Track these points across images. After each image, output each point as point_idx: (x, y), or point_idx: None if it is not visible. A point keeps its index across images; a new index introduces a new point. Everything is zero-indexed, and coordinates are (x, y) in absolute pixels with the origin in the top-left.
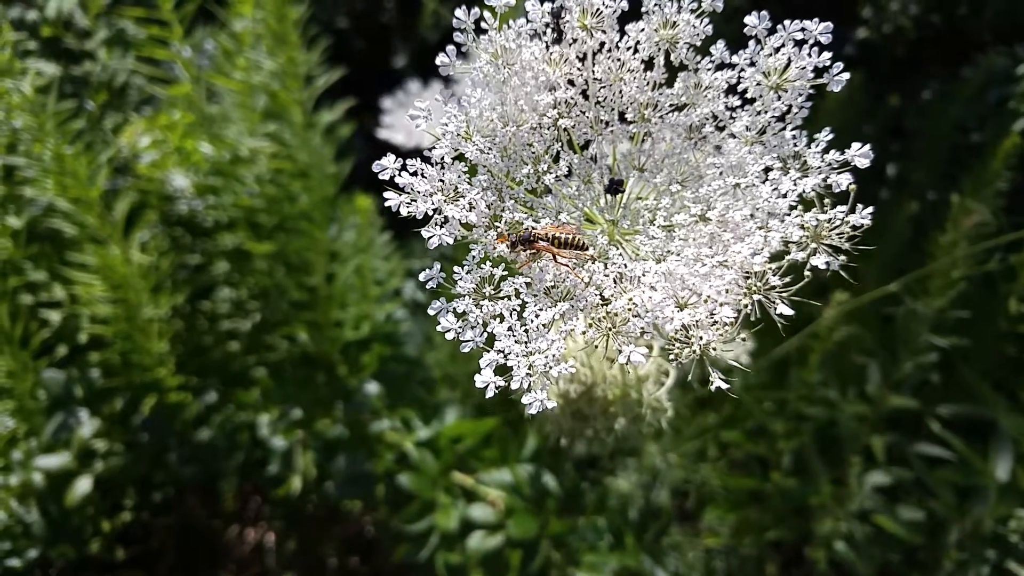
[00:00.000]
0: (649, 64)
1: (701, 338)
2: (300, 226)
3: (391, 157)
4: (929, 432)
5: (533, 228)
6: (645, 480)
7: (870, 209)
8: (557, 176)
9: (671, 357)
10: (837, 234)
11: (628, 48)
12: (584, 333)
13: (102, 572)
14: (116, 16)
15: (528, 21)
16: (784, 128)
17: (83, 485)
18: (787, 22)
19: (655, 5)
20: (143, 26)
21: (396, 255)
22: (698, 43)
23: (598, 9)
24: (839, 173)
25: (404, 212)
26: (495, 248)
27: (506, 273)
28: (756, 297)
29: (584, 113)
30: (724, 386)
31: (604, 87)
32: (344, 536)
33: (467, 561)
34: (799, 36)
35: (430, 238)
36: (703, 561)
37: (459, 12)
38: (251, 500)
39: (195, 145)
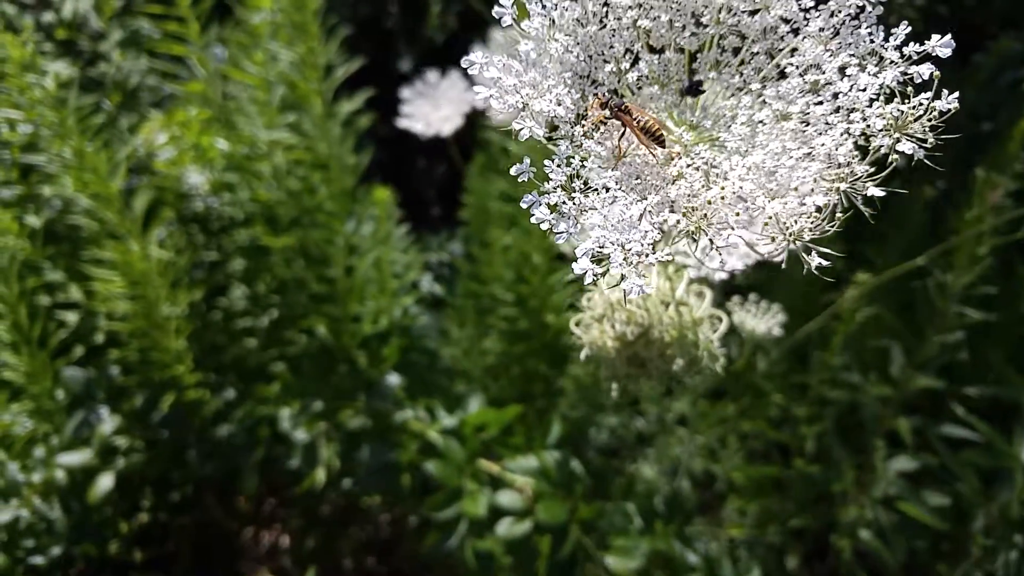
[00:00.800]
0: None
1: (795, 224)
2: (319, 219)
3: (479, 52)
4: (952, 414)
5: (625, 102)
6: (667, 469)
7: (956, 94)
8: (639, 76)
9: (766, 243)
10: (920, 123)
11: None
12: (677, 223)
13: (120, 574)
14: (130, 17)
15: None
16: (859, 27)
17: (105, 482)
18: None
19: None
20: (159, 24)
21: (413, 248)
22: None
23: None
24: (918, 65)
25: (494, 105)
26: (582, 142)
27: (596, 167)
28: (844, 186)
29: (660, 17)
30: (824, 263)
31: None
32: (361, 536)
33: (495, 548)
34: None
35: (520, 130)
36: (727, 550)
37: None
38: (266, 501)
39: (211, 141)
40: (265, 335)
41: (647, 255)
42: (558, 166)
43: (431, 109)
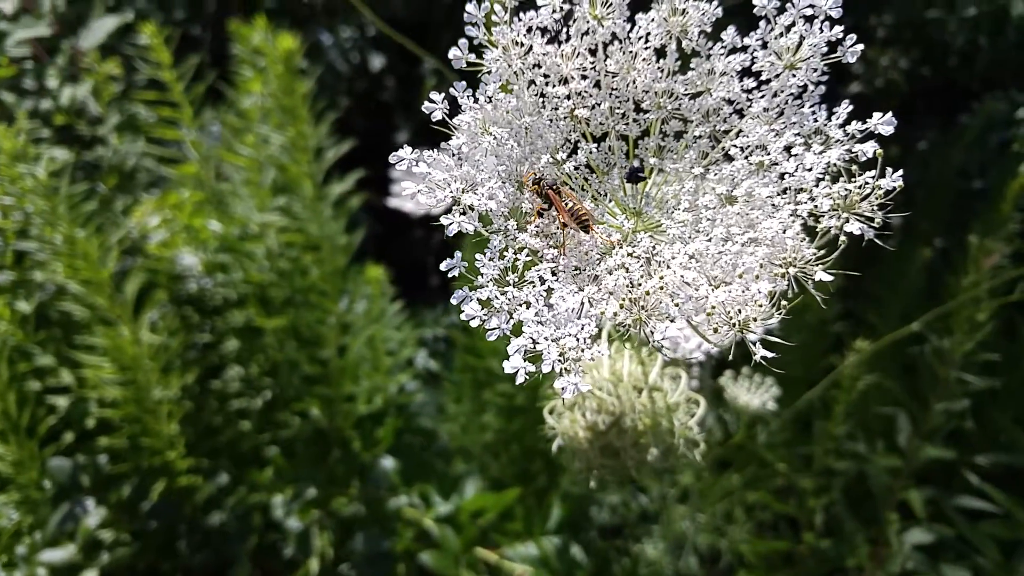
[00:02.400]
0: (661, 52)
1: (739, 313)
2: (311, 299)
3: (407, 148)
4: (965, 483)
5: (557, 182)
6: (672, 546)
7: (899, 172)
8: (576, 166)
9: (711, 332)
10: (868, 202)
11: (639, 38)
12: (615, 315)
13: None
14: (128, 101)
15: (538, 14)
16: (802, 106)
17: None
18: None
19: None
20: (154, 109)
21: (407, 324)
22: (709, 29)
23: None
24: (863, 143)
25: (422, 200)
26: (516, 236)
27: (531, 260)
28: (792, 271)
29: (599, 104)
30: (768, 355)
31: (618, 78)
32: None
33: None
34: (808, 12)
35: (449, 225)
36: None
37: (470, 6)
38: None
39: (204, 223)
40: (259, 417)
41: (583, 350)
42: (490, 260)
43: None
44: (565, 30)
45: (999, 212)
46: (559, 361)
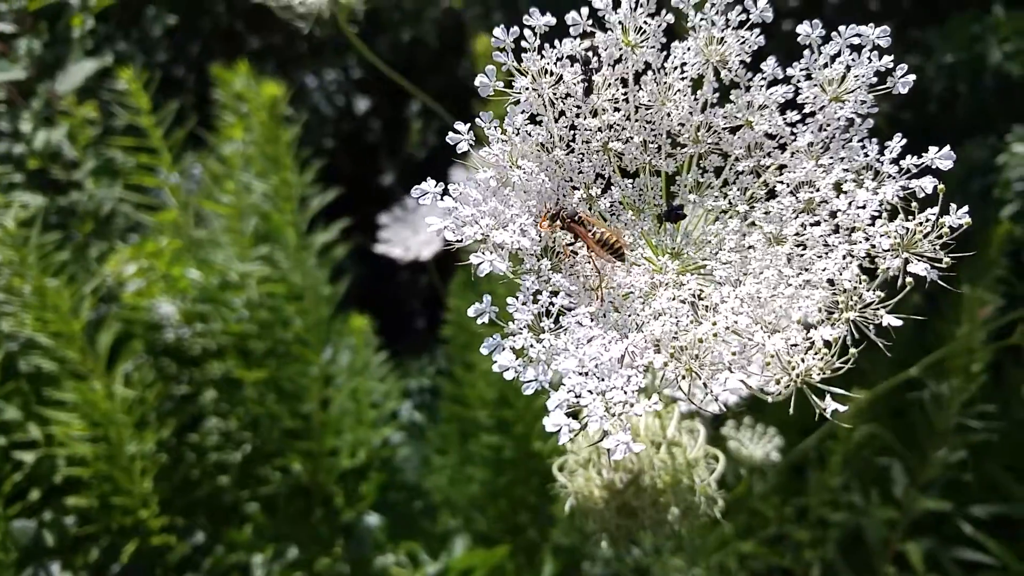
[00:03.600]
0: (698, 83)
1: (802, 362)
2: (293, 351)
3: (431, 181)
4: (961, 534)
5: (576, 210)
6: None
7: (965, 208)
8: (612, 203)
9: (772, 386)
10: (930, 241)
11: (674, 68)
12: (665, 365)
13: None
14: (105, 146)
15: (570, 42)
16: (851, 140)
17: None
18: (842, 27)
19: (701, 20)
20: (132, 154)
21: (392, 375)
22: (749, 59)
23: (640, 26)
24: (919, 179)
25: (449, 237)
26: (550, 277)
27: (568, 303)
28: (853, 315)
29: (632, 138)
30: (840, 409)
31: (652, 110)
32: None
33: None
34: (856, 41)
35: (479, 264)
36: None
37: (498, 31)
38: None
39: (182, 272)
40: (238, 472)
41: (632, 404)
42: (523, 304)
43: (410, 233)
44: (596, 59)
45: (985, 259)
46: (606, 417)
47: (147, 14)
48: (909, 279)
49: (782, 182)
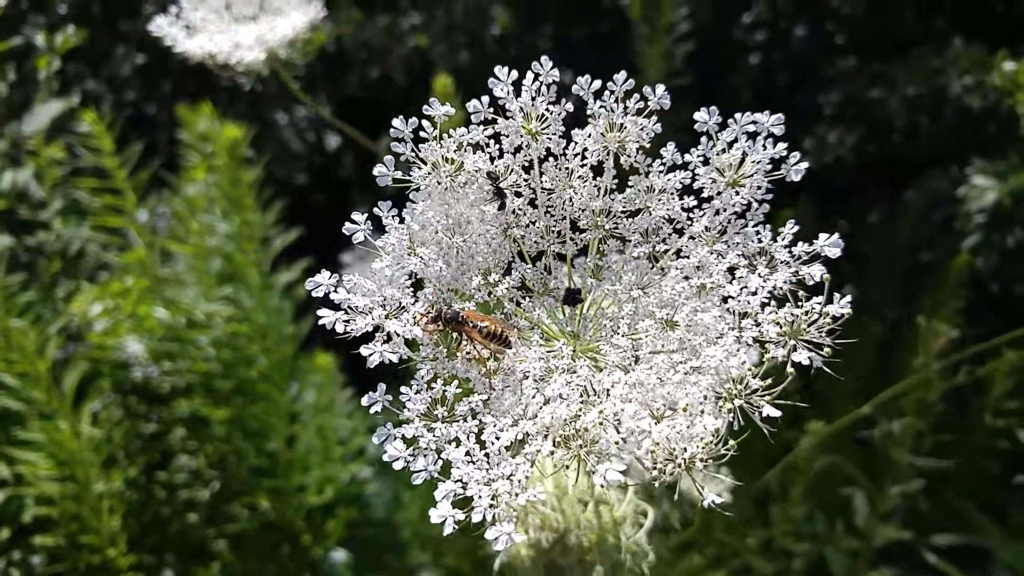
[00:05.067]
0: (598, 169)
1: (684, 451)
2: (259, 389)
3: (325, 274)
4: (924, 563)
5: (459, 309)
6: None
7: (848, 298)
8: (509, 288)
9: (654, 475)
10: (816, 328)
11: (575, 155)
12: (552, 453)
13: None
14: (72, 186)
15: (469, 130)
16: (746, 225)
17: None
18: (737, 115)
19: (600, 107)
20: (97, 195)
21: (359, 412)
22: (648, 145)
23: (542, 114)
24: (809, 265)
25: (340, 330)
26: (445, 364)
27: (461, 392)
28: (738, 402)
29: (534, 223)
30: (717, 501)
31: (553, 195)
32: None
33: None
34: (751, 128)
35: (370, 355)
36: None
37: (396, 121)
38: None
39: (149, 311)
40: (207, 509)
41: (517, 495)
42: (416, 392)
43: None
44: (498, 146)
45: (945, 289)
46: (490, 508)
47: (116, 53)
48: (791, 367)
49: (677, 267)
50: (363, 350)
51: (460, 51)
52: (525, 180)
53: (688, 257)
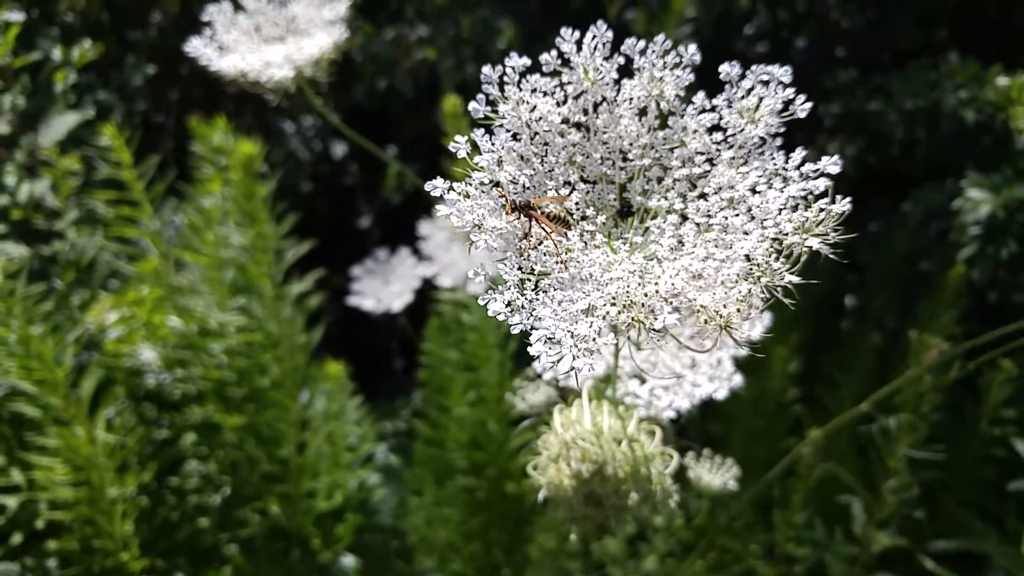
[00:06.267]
0: (643, 112)
1: (725, 309)
2: (270, 396)
3: (440, 180)
4: (922, 569)
5: (529, 199)
6: None
7: (848, 199)
8: (576, 203)
9: (701, 325)
10: (823, 225)
11: (624, 100)
12: (619, 314)
13: None
14: (87, 196)
15: (540, 78)
16: (763, 153)
17: None
18: (754, 66)
19: (644, 62)
20: (113, 206)
21: (367, 419)
22: (683, 93)
23: (598, 67)
24: (815, 180)
25: (455, 223)
26: (528, 254)
27: (544, 271)
28: (764, 279)
29: (592, 153)
30: (749, 344)
31: (607, 133)
32: None
33: None
34: (766, 77)
35: (477, 241)
36: None
37: (486, 68)
38: None
39: (163, 319)
40: (218, 514)
41: (595, 339)
42: (510, 269)
43: (381, 285)
44: (563, 92)
45: (941, 300)
46: (574, 347)
47: (127, 63)
48: (805, 251)
49: (710, 186)
50: (471, 235)
51: (467, 64)
52: (585, 119)
53: (718, 178)
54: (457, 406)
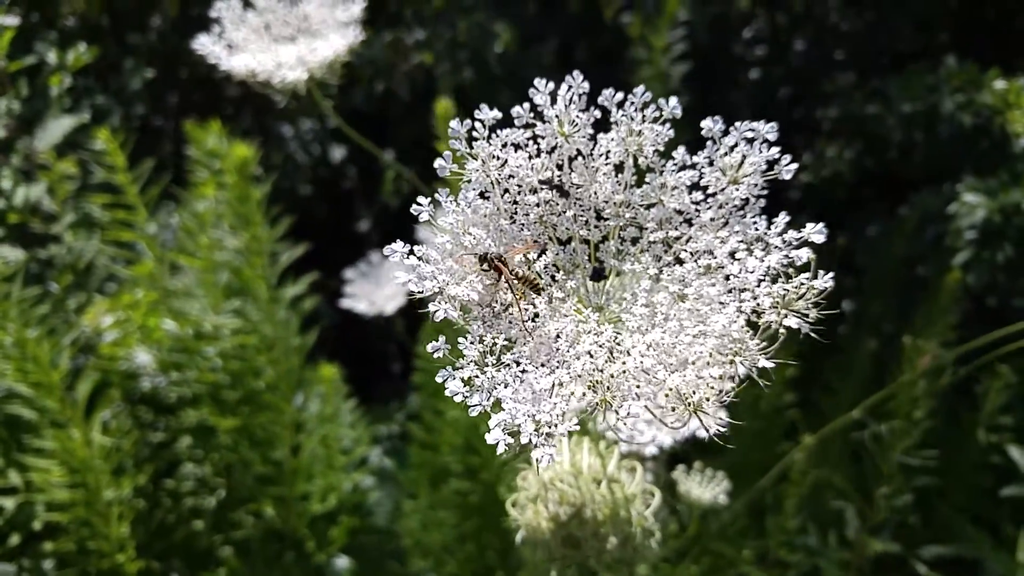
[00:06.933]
0: (619, 168)
1: (694, 395)
2: (265, 399)
3: (400, 243)
4: (915, 574)
5: (498, 252)
6: None
7: (831, 274)
8: (546, 265)
9: (668, 413)
10: (804, 300)
11: (600, 155)
12: (583, 395)
13: None
14: (83, 199)
15: (512, 131)
16: (745, 216)
17: None
18: (738, 123)
19: (622, 115)
20: (109, 209)
21: (362, 422)
22: (662, 148)
23: (574, 119)
24: (797, 249)
25: (412, 288)
26: (492, 323)
27: (507, 344)
28: (738, 359)
29: (565, 212)
30: (718, 429)
31: (581, 189)
32: None
33: None
34: (750, 135)
35: (435, 312)
36: None
37: (454, 123)
38: None
39: (158, 323)
40: (213, 517)
41: (556, 425)
42: (471, 343)
43: (374, 288)
44: (536, 146)
45: (937, 306)
46: (535, 434)
47: (125, 67)
48: (783, 330)
49: (687, 251)
50: (430, 306)
51: (463, 68)
52: (558, 176)
53: (696, 242)
54: (451, 410)
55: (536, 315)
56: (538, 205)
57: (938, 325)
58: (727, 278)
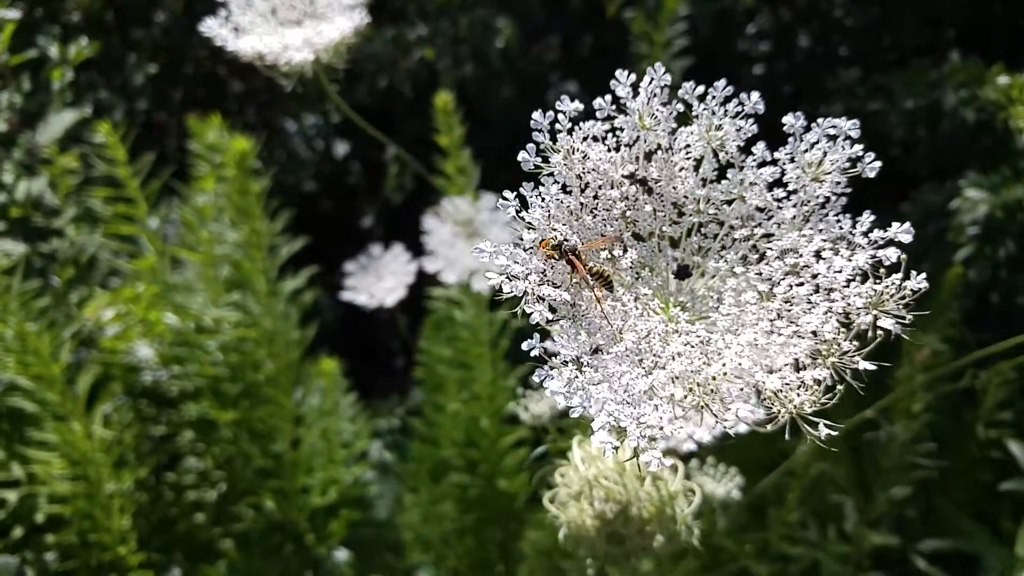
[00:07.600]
0: (699, 163)
1: (797, 397)
2: (265, 393)
3: (488, 243)
4: (914, 569)
5: (574, 244)
6: None
7: (923, 275)
8: (631, 262)
9: (770, 416)
10: (895, 301)
11: (681, 149)
12: (684, 398)
13: None
14: (85, 194)
15: (594, 124)
16: (827, 214)
17: None
18: (820, 119)
19: (703, 109)
20: (110, 204)
21: (362, 416)
22: (743, 144)
23: (654, 113)
24: (883, 248)
25: (505, 289)
26: (580, 323)
27: (603, 343)
28: (833, 360)
29: (645, 207)
30: (831, 433)
31: (661, 184)
32: None
33: None
34: (832, 131)
35: (531, 314)
36: None
37: (536, 115)
38: None
39: (159, 316)
40: (213, 510)
41: (661, 427)
42: (568, 341)
43: (375, 280)
44: (616, 139)
45: (939, 301)
46: (641, 438)
47: (129, 62)
48: (879, 332)
49: (771, 248)
50: (527, 308)
51: (465, 64)
52: (638, 169)
53: (780, 240)
54: (451, 403)
55: (625, 314)
56: (621, 200)
57: (940, 320)
58: (814, 277)
